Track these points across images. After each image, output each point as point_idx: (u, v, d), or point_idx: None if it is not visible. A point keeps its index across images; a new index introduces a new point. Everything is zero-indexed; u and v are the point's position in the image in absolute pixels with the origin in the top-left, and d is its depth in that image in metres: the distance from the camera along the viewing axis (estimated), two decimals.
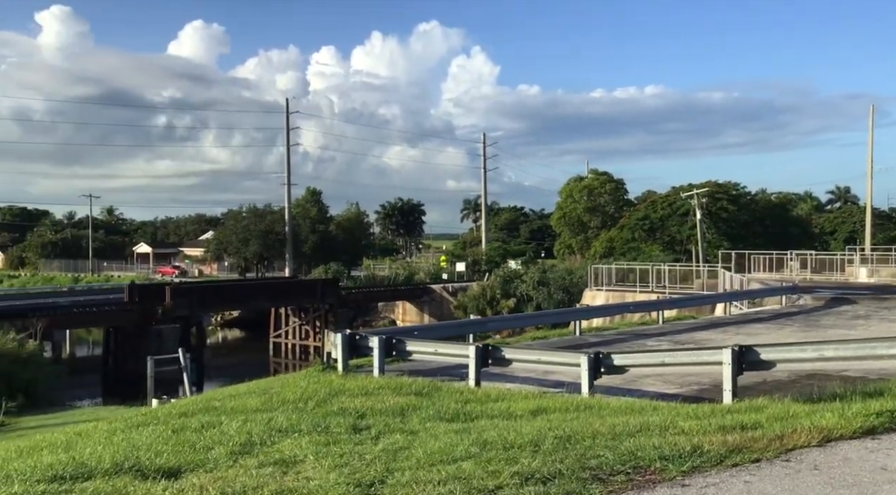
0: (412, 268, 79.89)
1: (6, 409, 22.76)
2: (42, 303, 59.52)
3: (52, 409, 27.36)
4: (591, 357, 11.72)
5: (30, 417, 24.04)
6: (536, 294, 63.57)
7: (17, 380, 27.55)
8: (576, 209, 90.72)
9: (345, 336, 14.15)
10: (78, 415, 23.42)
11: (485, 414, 10.00)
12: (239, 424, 9.19)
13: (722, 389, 11.07)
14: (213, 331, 76.35)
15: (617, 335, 20.78)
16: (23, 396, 26.56)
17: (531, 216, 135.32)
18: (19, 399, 25.75)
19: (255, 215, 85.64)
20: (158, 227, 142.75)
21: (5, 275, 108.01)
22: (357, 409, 10.29)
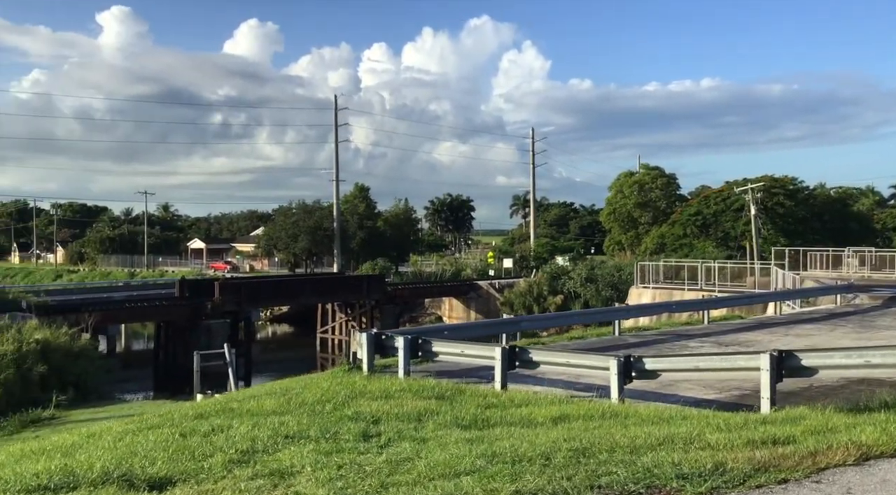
0: (459, 265, 79.50)
1: (57, 402, 23.05)
2: (96, 298, 60.80)
3: (102, 403, 27.67)
4: (621, 360, 11.17)
5: (79, 410, 24.32)
6: (584, 291, 62.65)
7: (68, 374, 27.91)
8: (626, 204, 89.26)
9: (370, 335, 13.82)
10: (126, 409, 23.62)
11: (504, 420, 9.55)
12: (248, 429, 8.91)
13: (762, 396, 10.41)
14: (262, 326, 77.15)
15: (658, 335, 20.08)
16: (74, 390, 26.90)
17: (581, 212, 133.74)
18: (70, 392, 26.07)
19: (304, 211, 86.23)
20: (212, 223, 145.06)
21: (65, 270, 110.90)
22: (373, 414, 9.93)
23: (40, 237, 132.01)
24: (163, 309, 53.83)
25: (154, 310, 54.08)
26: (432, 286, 68.20)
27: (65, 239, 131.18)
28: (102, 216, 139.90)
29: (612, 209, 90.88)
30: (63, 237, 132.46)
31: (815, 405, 9.99)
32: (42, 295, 57.64)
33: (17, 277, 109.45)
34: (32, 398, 24.65)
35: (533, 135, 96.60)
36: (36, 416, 22.06)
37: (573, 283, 63.52)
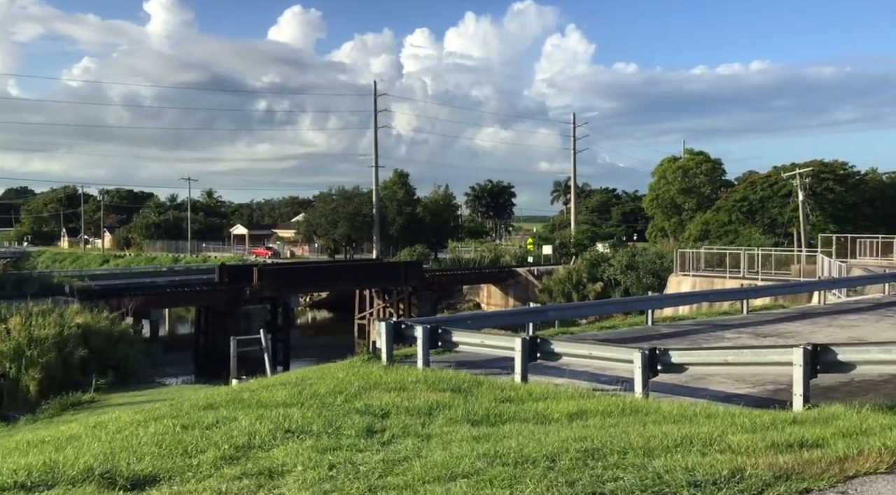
0: (498, 251, 78.93)
1: (97, 386, 23.22)
2: (138, 283, 61.70)
3: (141, 387, 27.90)
4: (646, 353, 10.65)
5: (118, 394, 24.51)
6: (624, 278, 61.73)
7: (108, 358, 28.17)
8: (669, 190, 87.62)
9: (389, 324, 13.48)
10: (163, 393, 23.72)
11: (517, 416, 9.12)
12: (250, 422, 8.63)
13: (794, 393, 9.81)
14: (302, 311, 77.58)
15: (694, 325, 19.42)
16: (114, 373, 27.13)
17: (623, 198, 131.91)
18: (110, 376, 26.29)
19: (344, 197, 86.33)
20: (254, 210, 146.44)
21: (112, 255, 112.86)
22: (383, 407, 9.59)
23: (88, 223, 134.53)
24: (203, 294, 54.30)
25: (194, 295, 54.57)
26: (470, 273, 67.79)
27: (112, 224, 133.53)
28: (148, 202, 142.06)
29: (655, 195, 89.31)
30: (111, 222, 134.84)
31: (853, 402, 9.39)
32: (86, 279, 58.61)
33: (66, 262, 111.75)
34: (73, 381, 24.91)
35: (574, 121, 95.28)
36: (76, 400, 22.26)
37: (613, 271, 62.62)
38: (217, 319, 53.09)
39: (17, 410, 24.23)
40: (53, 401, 22.14)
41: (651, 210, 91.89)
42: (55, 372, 25.48)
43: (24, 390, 25.64)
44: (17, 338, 25.89)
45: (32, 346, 25.41)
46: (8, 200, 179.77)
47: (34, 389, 24.97)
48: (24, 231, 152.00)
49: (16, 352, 25.25)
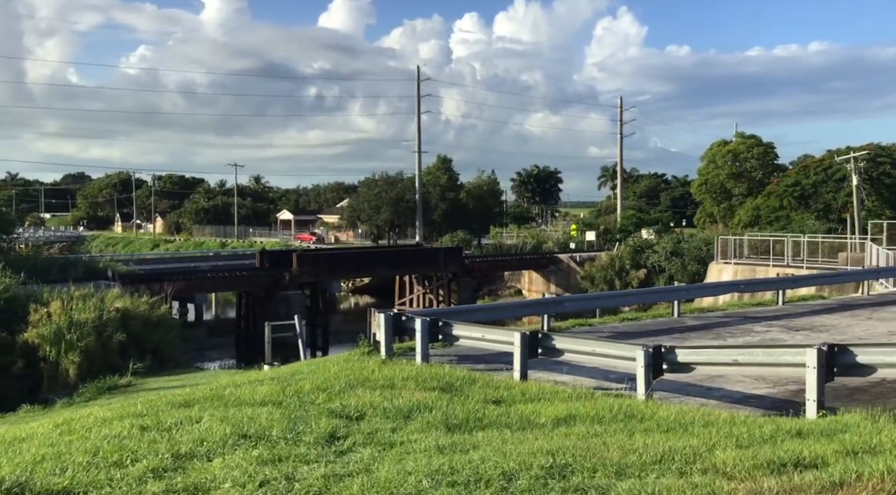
0: (540, 237, 77.78)
1: (134, 370, 23.17)
2: (182, 268, 62.32)
3: (177, 371, 27.89)
4: (649, 351, 9.87)
5: (154, 378, 24.48)
6: (669, 265, 60.25)
7: (146, 342, 28.15)
8: (718, 175, 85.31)
9: (388, 316, 12.88)
10: (198, 378, 23.60)
11: (499, 421, 8.45)
12: (210, 425, 8.14)
13: (807, 398, 8.95)
14: (344, 296, 77.67)
15: (723, 317, 18.44)
16: (151, 357, 27.14)
17: (672, 183, 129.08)
18: (148, 360, 26.30)
19: (387, 183, 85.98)
20: (300, 195, 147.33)
21: (162, 240, 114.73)
22: (360, 408, 9.02)
23: (141, 208, 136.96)
24: (243, 279, 54.53)
25: (234, 280, 54.84)
26: (511, 259, 66.87)
27: (164, 209, 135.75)
28: (199, 188, 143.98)
29: (704, 180, 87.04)
30: (162, 208, 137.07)
31: (875, 408, 8.51)
32: (131, 264, 59.30)
33: (118, 246, 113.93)
34: (112, 365, 24.92)
35: (621, 105, 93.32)
36: (113, 384, 22.24)
37: (657, 257, 61.18)
38: (257, 304, 53.31)
39: (56, 393, 24.36)
40: (90, 385, 22.13)
41: (699, 195, 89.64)
42: (94, 356, 25.52)
43: (64, 373, 25.77)
44: (57, 322, 26.04)
45: (72, 330, 25.48)
46: (66, 186, 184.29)
47: (73, 373, 25.08)
48: (80, 216, 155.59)
49: (56, 336, 25.37)
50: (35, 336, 24.90)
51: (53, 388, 25.50)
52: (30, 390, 25.29)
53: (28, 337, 24.81)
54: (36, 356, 24.60)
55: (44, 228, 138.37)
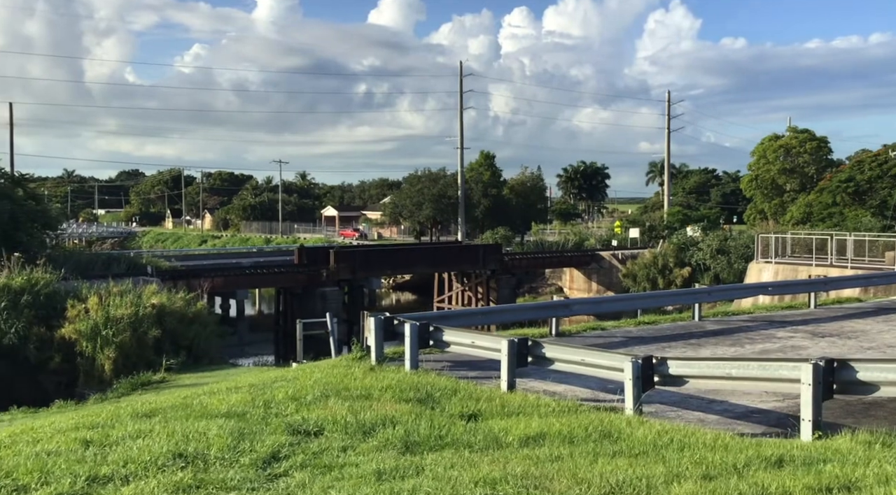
0: (583, 234, 76.53)
1: (167, 366, 23.18)
2: (222, 264, 62.86)
3: (211, 367, 27.93)
4: (638, 363, 9.18)
5: (188, 375, 24.49)
6: (714, 263, 58.69)
7: (181, 338, 28.21)
8: (769, 171, 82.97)
9: (378, 320, 12.38)
10: (230, 374, 23.56)
11: (463, 439, 7.89)
12: (154, 441, 7.73)
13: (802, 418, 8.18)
14: (385, 293, 77.59)
15: (747, 321, 17.52)
16: (186, 353, 27.18)
17: (723, 178, 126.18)
18: (182, 356, 26.33)
19: (430, 179, 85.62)
20: (345, 191, 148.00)
21: (209, 236, 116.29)
22: (321, 422, 8.56)
23: (190, 204, 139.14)
24: (280, 275, 54.64)
25: (272, 276, 55.01)
26: (551, 256, 65.88)
27: (213, 206, 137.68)
28: (247, 184, 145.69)
29: (755, 175, 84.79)
30: (212, 204, 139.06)
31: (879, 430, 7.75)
32: (173, 260, 59.96)
33: (168, 242, 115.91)
34: (147, 361, 24.99)
35: (669, 99, 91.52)
36: (147, 379, 22.26)
37: (702, 255, 59.63)
38: (295, 300, 53.46)
39: (92, 388, 24.52)
40: (125, 381, 22.17)
41: (749, 191, 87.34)
42: (129, 352, 25.62)
43: (100, 369, 25.94)
44: (94, 317, 26.23)
45: (108, 326, 25.62)
46: (120, 182, 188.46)
47: (109, 368, 25.21)
48: (133, 212, 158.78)
49: (93, 332, 25.53)
50: (72, 331, 25.07)
51: (89, 383, 25.67)
52: (67, 385, 25.52)
53: (65, 332, 25.00)
54: (73, 351, 24.76)
55: (97, 224, 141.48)
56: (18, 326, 24.88)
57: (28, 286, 27.10)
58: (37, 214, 42.84)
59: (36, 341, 25.13)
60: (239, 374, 22.58)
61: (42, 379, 25.71)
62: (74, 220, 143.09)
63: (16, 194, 42.13)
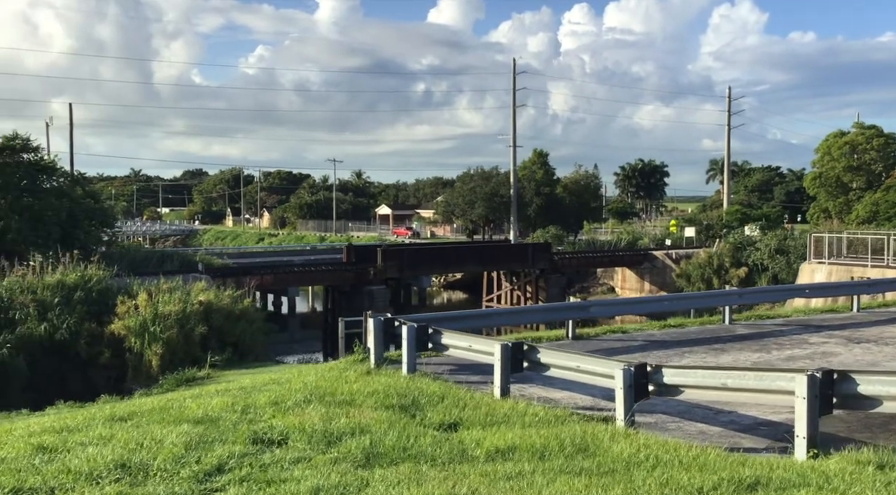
0: (636, 233, 75.01)
1: (212, 363, 23.37)
2: (272, 262, 63.42)
3: (255, 364, 28.08)
4: (630, 371, 8.61)
5: (232, 371, 24.63)
6: (772, 263, 56.84)
7: (227, 335, 28.45)
8: (834, 168, 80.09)
9: (378, 321, 12.03)
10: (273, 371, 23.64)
11: (427, 452, 7.47)
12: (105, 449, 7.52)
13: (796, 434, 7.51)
14: (436, 292, 77.38)
15: (781, 325, 16.65)
16: (232, 350, 27.40)
17: (788, 176, 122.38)
18: (227, 352, 26.54)
19: (482, 177, 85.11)
20: (400, 189, 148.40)
21: (266, 234, 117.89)
22: (287, 430, 8.24)
23: (249, 203, 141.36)
24: (328, 273, 54.89)
25: (321, 274, 55.29)
26: (602, 255, 64.73)
27: (272, 204, 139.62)
28: (304, 183, 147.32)
29: (818, 173, 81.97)
30: (271, 203, 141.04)
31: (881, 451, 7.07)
32: (225, 257, 60.75)
33: (227, 240, 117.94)
34: (193, 357, 25.24)
35: (730, 95, 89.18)
36: (191, 375, 22.43)
37: (760, 255, 57.81)
38: (342, 298, 53.66)
39: (139, 383, 24.86)
40: (170, 377, 22.39)
41: (813, 189, 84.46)
42: (176, 348, 25.87)
43: (147, 364, 26.29)
44: (143, 313, 26.60)
45: (156, 322, 25.97)
46: (184, 181, 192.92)
47: (156, 364, 25.51)
48: (195, 210, 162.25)
49: (141, 328, 25.87)
50: (121, 327, 25.37)
51: (137, 379, 26.03)
52: (116, 380, 25.93)
53: (115, 328, 25.32)
54: (122, 347, 25.06)
55: (160, 222, 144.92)
56: (70, 322, 25.28)
57: (81, 282, 27.57)
58: (94, 212, 43.73)
59: (87, 336, 25.51)
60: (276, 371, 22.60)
61: (92, 374, 26.10)
62: (139, 218, 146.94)
63: (74, 193, 43.05)
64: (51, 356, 25.18)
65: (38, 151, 40.92)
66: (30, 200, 38.49)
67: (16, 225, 36.58)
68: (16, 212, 37.47)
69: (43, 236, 36.14)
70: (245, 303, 34.70)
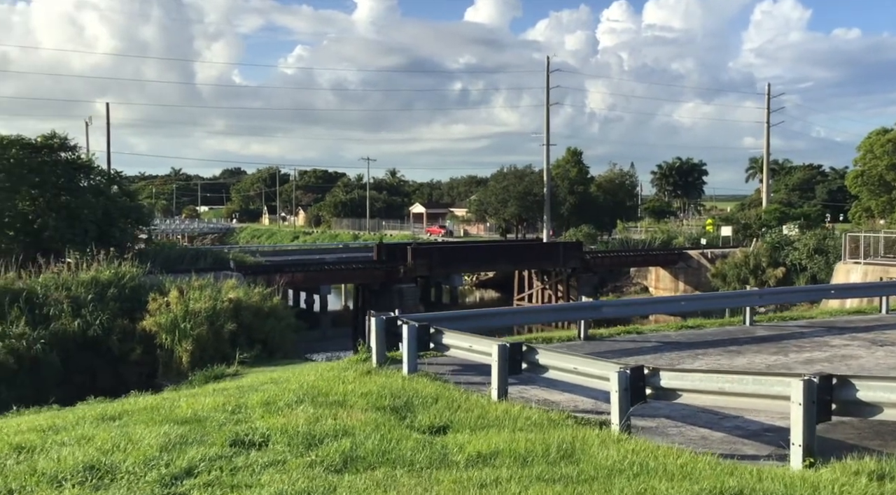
0: (671, 232, 73.91)
1: (240, 360, 23.48)
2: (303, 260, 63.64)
3: (284, 361, 28.17)
4: (626, 373, 8.30)
5: (260, 369, 24.72)
6: (811, 263, 55.55)
7: (256, 332, 28.61)
8: (877, 166, 78.17)
9: (380, 321, 11.84)
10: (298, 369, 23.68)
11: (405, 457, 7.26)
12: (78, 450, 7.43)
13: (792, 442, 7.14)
14: (469, 290, 77.12)
15: (803, 327, 16.12)
16: (261, 347, 27.52)
17: (830, 175, 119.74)
18: (256, 349, 26.65)
19: (515, 176, 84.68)
20: (434, 188, 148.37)
21: (301, 232, 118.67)
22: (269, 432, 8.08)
23: (285, 201, 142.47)
24: (358, 272, 54.88)
25: (350, 272, 55.28)
26: (635, 255, 63.87)
27: (307, 203, 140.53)
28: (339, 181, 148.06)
29: (861, 172, 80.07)
30: (306, 201, 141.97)
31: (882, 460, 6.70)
32: (258, 255, 61.12)
33: (262, 237, 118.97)
34: (223, 354, 25.39)
35: (769, 92, 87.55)
36: (220, 372, 22.54)
37: (798, 254, 56.55)
38: (372, 296, 53.65)
39: (170, 380, 25.06)
40: (199, 373, 22.51)
41: (855, 188, 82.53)
42: (206, 345, 26.06)
43: (178, 361, 26.52)
44: (174, 310, 26.81)
45: (187, 319, 26.15)
46: (223, 180, 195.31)
47: (186, 360, 25.71)
48: (233, 208, 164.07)
49: (172, 324, 26.08)
50: (153, 324, 25.58)
51: (168, 375, 26.23)
52: (147, 376, 26.16)
53: (146, 324, 25.54)
54: (153, 343, 25.28)
55: (198, 220, 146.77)
56: (103, 318, 25.54)
57: (115, 279, 27.84)
58: (130, 210, 44.22)
59: (119, 333, 25.74)
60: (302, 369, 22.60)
61: (124, 370, 26.34)
62: (178, 216, 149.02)
63: (110, 191, 43.59)
64: (84, 352, 25.46)
65: (76, 150, 41.52)
66: (67, 198, 39.03)
67: (53, 223, 37.16)
68: (53, 210, 38.06)
69: (79, 234, 36.63)
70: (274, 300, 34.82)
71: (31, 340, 23.75)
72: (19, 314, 24.42)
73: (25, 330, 24.03)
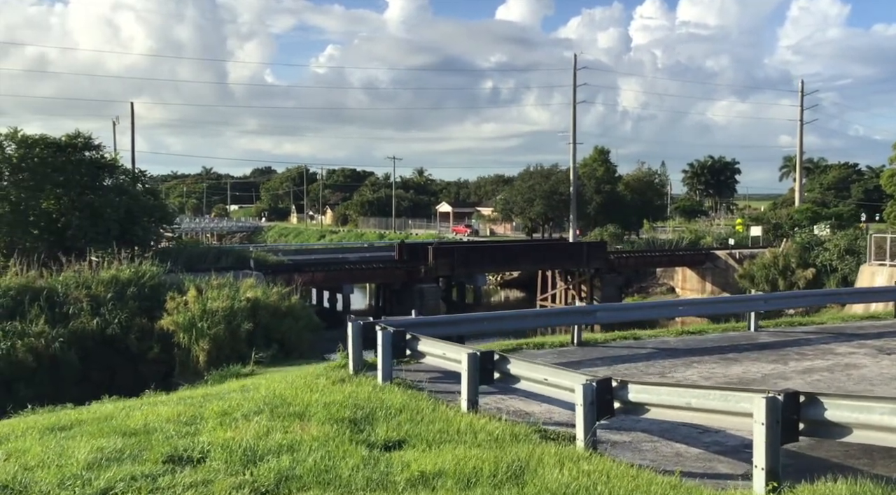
0: (699, 232, 72.67)
1: (256, 359, 23.37)
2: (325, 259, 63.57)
3: (299, 361, 27.99)
4: (592, 386, 7.83)
5: (276, 368, 24.60)
6: (842, 264, 54.21)
7: (273, 332, 28.52)
8: None
9: (356, 326, 11.49)
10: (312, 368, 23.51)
11: (341, 477, 6.88)
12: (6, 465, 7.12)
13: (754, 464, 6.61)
14: (494, 290, 76.60)
15: (810, 333, 15.45)
16: (277, 346, 27.41)
17: (866, 174, 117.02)
18: (273, 349, 26.54)
19: (541, 175, 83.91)
20: (461, 187, 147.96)
21: (328, 231, 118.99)
22: (211, 447, 7.75)
23: (314, 200, 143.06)
24: (379, 271, 54.63)
25: (371, 272, 55.04)
26: (661, 255, 62.84)
27: (335, 201, 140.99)
28: (367, 180, 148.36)
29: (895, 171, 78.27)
30: (335, 200, 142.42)
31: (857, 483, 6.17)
32: (280, 254, 61.15)
33: (290, 236, 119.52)
34: (239, 353, 25.31)
35: (802, 89, 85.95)
36: (236, 371, 22.45)
37: (829, 255, 55.24)
38: (393, 296, 53.45)
39: (187, 378, 25.01)
40: (215, 373, 22.42)
41: (890, 187, 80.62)
42: (223, 344, 25.99)
43: (195, 360, 26.50)
44: (192, 309, 26.76)
45: (204, 318, 26.09)
46: (253, 179, 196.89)
47: (203, 359, 25.67)
48: (262, 207, 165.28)
49: (189, 323, 26.04)
50: (170, 323, 25.56)
51: (185, 374, 26.19)
52: (164, 375, 26.16)
53: (164, 323, 25.53)
54: (171, 342, 25.27)
55: (227, 219, 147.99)
56: (122, 317, 25.58)
57: (135, 278, 27.86)
58: (153, 209, 44.38)
59: (137, 331, 25.76)
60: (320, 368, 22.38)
61: (142, 369, 26.35)
62: (208, 215, 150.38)
63: (134, 190, 43.80)
64: (102, 350, 25.48)
65: (100, 149, 41.77)
66: (90, 197, 39.24)
67: (76, 221, 37.38)
68: (77, 208, 38.29)
69: (102, 232, 36.80)
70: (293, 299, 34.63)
71: (51, 338, 23.84)
72: (39, 312, 24.54)
73: (45, 328, 24.15)
